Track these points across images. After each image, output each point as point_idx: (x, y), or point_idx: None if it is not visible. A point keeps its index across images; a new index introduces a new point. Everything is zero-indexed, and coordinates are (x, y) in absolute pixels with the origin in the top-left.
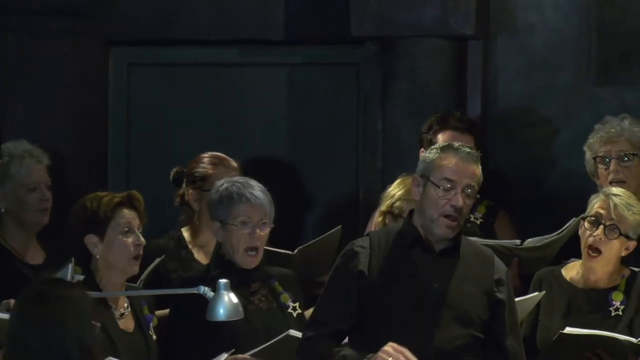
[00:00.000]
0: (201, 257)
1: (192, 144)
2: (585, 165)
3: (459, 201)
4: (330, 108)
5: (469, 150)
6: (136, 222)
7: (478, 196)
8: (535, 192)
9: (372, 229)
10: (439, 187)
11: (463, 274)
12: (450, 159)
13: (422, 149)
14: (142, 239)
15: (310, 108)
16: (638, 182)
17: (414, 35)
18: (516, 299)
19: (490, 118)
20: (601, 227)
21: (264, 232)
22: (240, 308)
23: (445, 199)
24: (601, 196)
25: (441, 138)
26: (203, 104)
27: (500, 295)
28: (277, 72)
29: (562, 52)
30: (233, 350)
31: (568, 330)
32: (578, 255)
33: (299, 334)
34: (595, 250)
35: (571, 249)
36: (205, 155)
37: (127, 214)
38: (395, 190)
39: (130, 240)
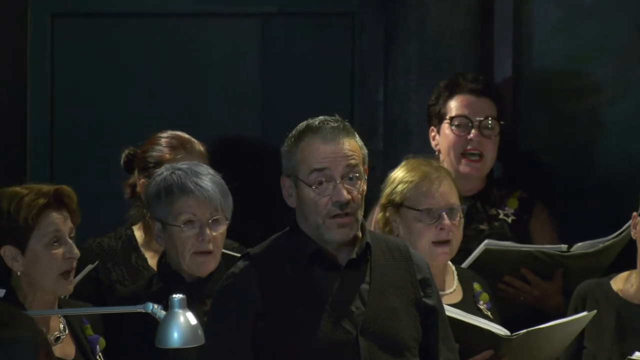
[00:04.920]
0: (156, 265)
1: (135, 118)
2: None
3: (342, 195)
4: (316, 73)
5: (332, 122)
6: (67, 226)
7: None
8: (582, 181)
9: (373, 229)
10: (310, 185)
11: (382, 286)
12: (311, 144)
13: (432, 128)
14: (76, 251)
15: (290, 72)
16: None
17: None
18: (559, 321)
19: (525, 85)
20: None
21: (218, 232)
22: (200, 332)
23: (324, 196)
24: None
25: (453, 106)
26: (150, 67)
27: (429, 301)
28: (247, 25)
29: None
30: None
31: (637, 356)
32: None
33: None
34: None
35: (630, 256)
36: (163, 134)
37: (56, 217)
38: (397, 173)
39: (59, 252)
